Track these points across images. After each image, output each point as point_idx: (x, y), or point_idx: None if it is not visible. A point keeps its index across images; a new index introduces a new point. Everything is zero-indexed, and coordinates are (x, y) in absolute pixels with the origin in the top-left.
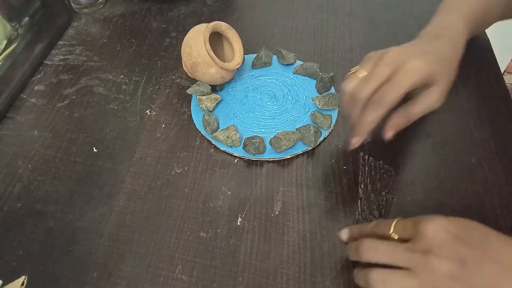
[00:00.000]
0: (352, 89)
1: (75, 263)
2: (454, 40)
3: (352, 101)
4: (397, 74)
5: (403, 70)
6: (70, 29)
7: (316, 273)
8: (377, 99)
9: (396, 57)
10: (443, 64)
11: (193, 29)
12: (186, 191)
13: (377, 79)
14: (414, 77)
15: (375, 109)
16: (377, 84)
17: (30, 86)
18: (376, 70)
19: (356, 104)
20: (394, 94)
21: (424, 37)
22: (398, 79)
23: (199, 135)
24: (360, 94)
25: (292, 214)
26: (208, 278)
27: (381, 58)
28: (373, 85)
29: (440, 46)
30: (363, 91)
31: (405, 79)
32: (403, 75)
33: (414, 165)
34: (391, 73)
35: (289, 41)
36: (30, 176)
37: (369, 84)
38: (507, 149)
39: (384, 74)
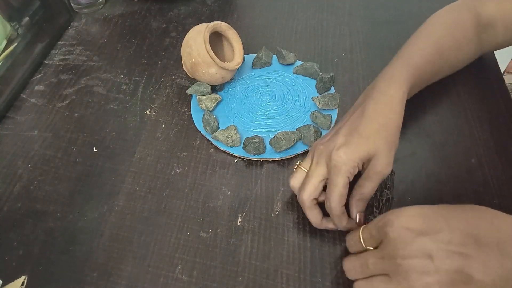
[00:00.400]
0: (295, 189)
1: (75, 263)
2: (390, 104)
3: (302, 204)
4: (329, 174)
5: (331, 169)
6: (70, 29)
7: (316, 273)
8: (327, 208)
9: (323, 153)
10: (375, 136)
11: (193, 29)
12: (186, 191)
13: (313, 180)
14: (343, 170)
15: (332, 215)
16: (313, 186)
17: (30, 86)
18: (309, 172)
19: (305, 208)
20: (334, 196)
21: (357, 110)
22: (331, 180)
23: (199, 135)
24: (303, 199)
25: (292, 214)
26: (208, 278)
27: (313, 153)
28: (310, 188)
29: (370, 117)
30: (303, 194)
31: (337, 178)
32: (333, 173)
33: (414, 165)
34: (326, 170)
35: (289, 41)
36: (30, 176)
37: (306, 188)
38: (507, 149)
39: (319, 175)
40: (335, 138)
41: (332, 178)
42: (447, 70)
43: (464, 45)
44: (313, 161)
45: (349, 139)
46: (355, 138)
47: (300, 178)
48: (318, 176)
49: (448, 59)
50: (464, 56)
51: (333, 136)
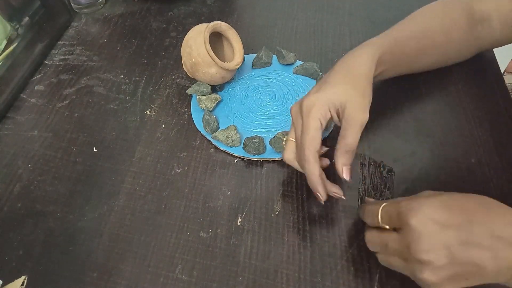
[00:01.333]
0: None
1: (75, 263)
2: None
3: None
4: (302, 120)
5: (303, 114)
6: (70, 29)
7: (316, 273)
8: (300, 155)
9: (297, 109)
10: (343, 83)
11: (193, 29)
12: (186, 191)
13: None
14: (313, 112)
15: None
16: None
17: (30, 86)
18: (296, 128)
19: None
20: (306, 139)
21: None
22: (303, 124)
23: (199, 135)
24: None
25: (292, 214)
26: (208, 278)
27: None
28: (289, 146)
29: (337, 70)
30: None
31: (307, 120)
32: (304, 116)
33: (414, 165)
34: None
35: (289, 41)
36: (30, 176)
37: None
38: (507, 149)
39: (296, 129)
40: (308, 93)
41: (304, 122)
42: (436, 55)
43: (454, 32)
44: (294, 122)
45: (318, 88)
46: (323, 85)
47: (291, 148)
48: (293, 131)
49: (436, 41)
50: (456, 44)
51: (308, 93)
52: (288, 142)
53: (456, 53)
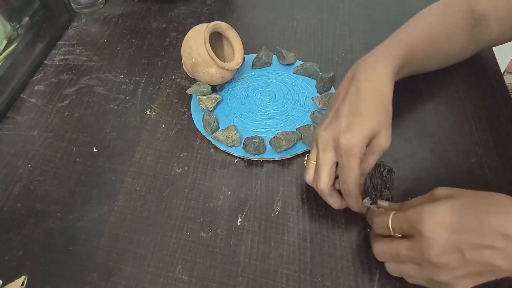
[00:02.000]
0: (312, 183)
1: (75, 263)
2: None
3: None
4: (341, 158)
5: (342, 152)
6: (70, 29)
7: (316, 273)
8: (342, 188)
9: (328, 139)
10: (376, 113)
11: (193, 29)
12: (186, 191)
13: (323, 169)
14: (355, 152)
15: (348, 196)
16: (326, 174)
17: (30, 86)
18: (318, 161)
19: (325, 196)
20: (351, 178)
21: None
22: (345, 164)
23: (199, 135)
24: (321, 189)
25: (292, 214)
26: (208, 278)
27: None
28: (324, 177)
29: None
30: (320, 185)
31: (350, 161)
32: (345, 157)
33: (414, 165)
34: (335, 154)
35: (289, 41)
36: (30, 176)
37: (321, 177)
38: (507, 149)
39: (326, 163)
40: (338, 122)
41: (345, 163)
42: (441, 58)
43: (456, 34)
44: (320, 150)
45: (353, 120)
46: (358, 118)
47: (312, 171)
48: (328, 163)
49: (440, 45)
50: (457, 46)
51: (334, 119)
52: (309, 165)
53: (457, 54)
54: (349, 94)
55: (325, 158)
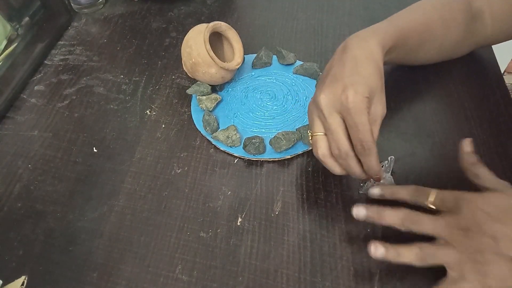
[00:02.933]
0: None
1: (75, 263)
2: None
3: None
4: (350, 117)
5: (351, 111)
6: (70, 29)
7: (316, 273)
8: (360, 149)
9: (331, 103)
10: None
11: (193, 29)
12: (186, 191)
13: (339, 131)
14: (363, 107)
15: (369, 155)
16: (342, 135)
17: (30, 86)
18: (329, 126)
19: (347, 160)
20: (368, 134)
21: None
22: (356, 121)
23: (199, 135)
24: (345, 152)
25: (292, 214)
26: (208, 278)
27: (319, 110)
28: (342, 138)
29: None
30: (343, 149)
31: (361, 117)
32: (355, 114)
33: (414, 165)
34: (341, 118)
35: (289, 41)
36: (30, 176)
37: (339, 140)
38: (507, 149)
39: (338, 125)
40: (338, 84)
41: (357, 120)
42: (435, 48)
43: (452, 26)
44: (326, 115)
45: (353, 80)
46: (358, 78)
47: (324, 143)
48: (341, 126)
49: (435, 34)
50: (453, 39)
51: (332, 83)
52: (318, 138)
53: (452, 48)
54: (344, 61)
55: (336, 121)
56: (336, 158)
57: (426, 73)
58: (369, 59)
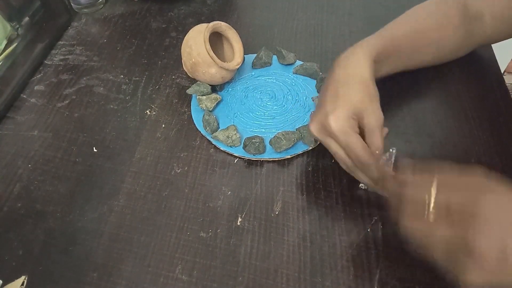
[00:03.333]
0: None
1: (75, 263)
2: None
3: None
4: (339, 141)
5: (338, 134)
6: (70, 29)
7: (316, 273)
8: (359, 166)
9: (320, 129)
10: (354, 93)
11: (193, 29)
12: (186, 191)
13: (337, 152)
14: (347, 129)
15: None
16: (342, 155)
17: (30, 86)
18: (329, 149)
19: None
20: (361, 151)
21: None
22: (347, 143)
23: (199, 135)
24: (348, 167)
25: (292, 214)
26: (208, 278)
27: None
28: (342, 157)
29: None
30: (346, 164)
31: (348, 139)
32: (342, 139)
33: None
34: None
35: (289, 41)
36: (30, 176)
37: (341, 159)
38: (507, 149)
39: (334, 147)
40: (321, 112)
41: (346, 141)
42: (431, 52)
43: (449, 30)
44: (322, 141)
45: (334, 105)
46: (339, 101)
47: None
48: (337, 148)
49: (430, 38)
50: (450, 42)
51: (318, 111)
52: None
53: (451, 50)
54: (328, 85)
55: (331, 145)
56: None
57: (426, 73)
58: (351, 76)
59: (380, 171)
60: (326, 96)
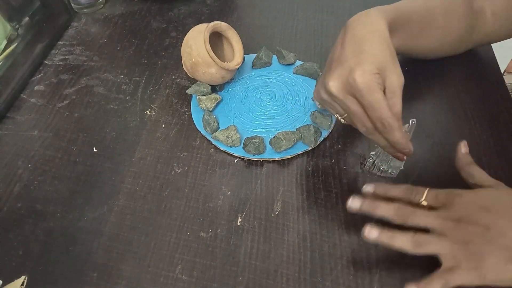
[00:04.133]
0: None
1: (75, 263)
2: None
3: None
4: (364, 98)
5: (363, 91)
6: (70, 29)
7: (316, 273)
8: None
9: (341, 86)
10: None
11: (193, 29)
12: (186, 191)
13: (357, 113)
14: (375, 85)
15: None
16: (363, 115)
17: (30, 86)
18: (348, 110)
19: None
20: (386, 111)
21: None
22: (371, 102)
23: (199, 135)
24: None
25: (292, 214)
26: (208, 278)
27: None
28: (363, 118)
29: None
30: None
31: (374, 96)
32: (368, 95)
33: (414, 165)
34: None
35: (289, 41)
36: (30, 176)
37: (361, 120)
38: (507, 149)
39: (356, 107)
40: (344, 66)
41: (371, 99)
42: (436, 39)
43: (453, 18)
44: (341, 101)
45: (359, 59)
46: (363, 56)
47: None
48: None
49: (437, 22)
50: (454, 32)
51: (339, 67)
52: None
53: (454, 41)
54: (346, 42)
55: (352, 104)
56: (365, 134)
57: (426, 73)
58: (372, 32)
59: (402, 135)
60: (346, 52)
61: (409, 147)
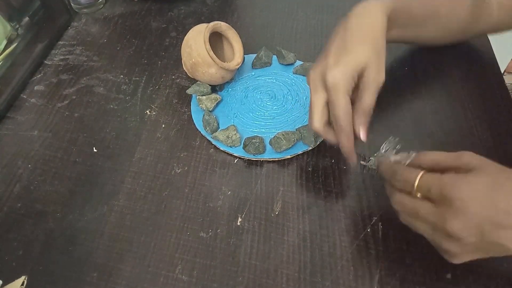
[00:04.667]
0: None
1: (75, 263)
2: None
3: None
4: (330, 95)
5: (330, 89)
6: (70, 29)
7: (316, 273)
8: (334, 126)
9: (317, 79)
10: (362, 47)
11: (193, 29)
12: (186, 191)
13: (316, 107)
14: (340, 87)
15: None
16: (318, 112)
17: (30, 86)
18: (312, 100)
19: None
20: (340, 113)
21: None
22: (333, 101)
23: (199, 135)
24: (314, 128)
25: (292, 214)
26: (208, 278)
27: (307, 82)
28: (317, 115)
29: (353, 31)
30: (313, 124)
31: (338, 97)
32: (333, 94)
33: None
34: (325, 93)
35: (289, 41)
36: (30, 176)
37: (314, 116)
38: (507, 149)
39: (319, 100)
40: (326, 61)
41: (333, 99)
42: (440, 25)
43: (458, 7)
44: (311, 90)
45: (339, 57)
46: (344, 54)
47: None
48: (319, 101)
49: (440, 11)
50: (458, 21)
51: (323, 59)
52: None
53: (456, 30)
54: (337, 34)
55: (316, 97)
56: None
57: (426, 73)
58: (363, 26)
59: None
60: (333, 46)
61: (352, 158)
